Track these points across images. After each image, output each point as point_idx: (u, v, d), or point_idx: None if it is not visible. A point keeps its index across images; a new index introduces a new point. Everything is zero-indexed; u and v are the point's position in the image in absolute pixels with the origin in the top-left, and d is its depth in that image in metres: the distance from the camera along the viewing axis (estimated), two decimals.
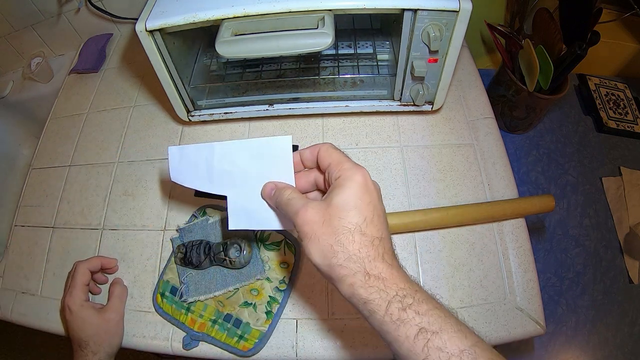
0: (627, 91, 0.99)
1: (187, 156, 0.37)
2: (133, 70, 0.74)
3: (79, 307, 0.47)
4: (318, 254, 0.28)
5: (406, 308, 0.25)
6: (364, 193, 0.29)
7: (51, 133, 0.69)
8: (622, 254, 0.79)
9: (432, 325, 0.25)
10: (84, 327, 0.46)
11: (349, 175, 0.30)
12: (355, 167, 0.30)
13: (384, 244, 0.28)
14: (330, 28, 0.43)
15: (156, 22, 0.45)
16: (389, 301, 0.26)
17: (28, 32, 0.78)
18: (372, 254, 0.27)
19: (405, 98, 0.57)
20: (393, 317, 0.25)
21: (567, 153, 0.90)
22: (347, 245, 0.27)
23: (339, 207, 0.28)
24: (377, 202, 0.30)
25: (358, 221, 0.28)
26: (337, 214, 0.28)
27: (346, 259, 0.27)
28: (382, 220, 0.29)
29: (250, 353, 0.44)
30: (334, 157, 0.32)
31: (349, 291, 0.27)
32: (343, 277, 0.27)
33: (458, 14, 0.44)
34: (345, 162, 0.31)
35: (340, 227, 0.28)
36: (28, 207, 0.62)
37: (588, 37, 0.68)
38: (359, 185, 0.29)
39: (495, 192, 0.54)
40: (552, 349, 0.72)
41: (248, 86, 0.61)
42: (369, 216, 0.28)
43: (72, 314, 0.46)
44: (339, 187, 0.29)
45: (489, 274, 0.49)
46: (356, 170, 0.30)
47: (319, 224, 0.29)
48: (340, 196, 0.29)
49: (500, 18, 0.92)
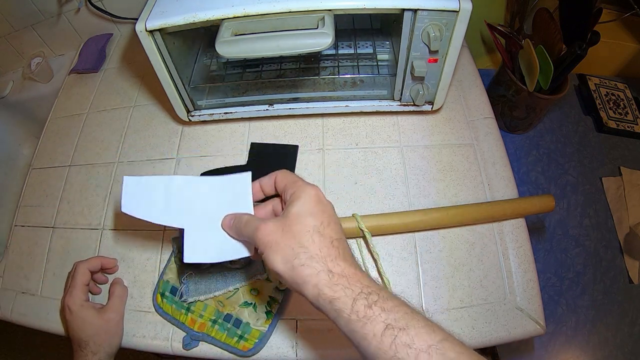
0: (627, 91, 0.99)
1: (145, 186, 0.36)
2: (133, 70, 0.74)
3: (79, 307, 0.46)
4: (280, 259, 0.29)
5: (372, 305, 0.26)
6: (318, 203, 0.31)
7: (51, 133, 0.69)
8: (622, 254, 0.79)
9: (399, 321, 0.25)
10: (83, 327, 0.46)
11: (303, 189, 0.32)
12: (309, 184, 0.33)
13: (342, 244, 0.29)
14: (330, 28, 0.43)
15: (156, 22, 0.45)
16: (354, 298, 0.26)
17: (28, 32, 0.78)
18: (333, 253, 0.28)
19: (405, 98, 0.57)
20: (359, 314, 0.25)
21: (567, 153, 0.90)
22: (308, 246, 0.28)
23: (296, 214, 0.30)
24: (332, 212, 0.32)
25: (315, 224, 0.29)
26: (295, 220, 0.30)
27: (308, 258, 0.28)
28: (338, 225, 0.31)
29: (251, 353, 0.44)
30: (289, 179, 0.34)
31: (314, 292, 0.27)
32: (307, 278, 0.27)
33: (458, 14, 0.44)
34: (299, 181, 0.33)
35: (299, 230, 0.29)
36: (28, 207, 0.62)
37: (588, 37, 0.68)
38: (312, 197, 0.31)
39: (495, 192, 0.54)
40: (552, 349, 0.72)
41: (248, 86, 0.61)
42: (325, 220, 0.30)
43: (72, 314, 0.46)
44: (295, 199, 0.31)
45: (489, 274, 0.49)
46: (310, 186, 0.32)
47: (279, 232, 0.30)
48: (296, 207, 0.30)
49: (500, 18, 0.92)
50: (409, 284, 0.49)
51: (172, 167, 0.60)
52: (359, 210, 0.53)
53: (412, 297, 0.48)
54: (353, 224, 0.48)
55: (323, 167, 0.58)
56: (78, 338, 0.45)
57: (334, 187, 0.56)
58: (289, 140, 0.61)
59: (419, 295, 0.48)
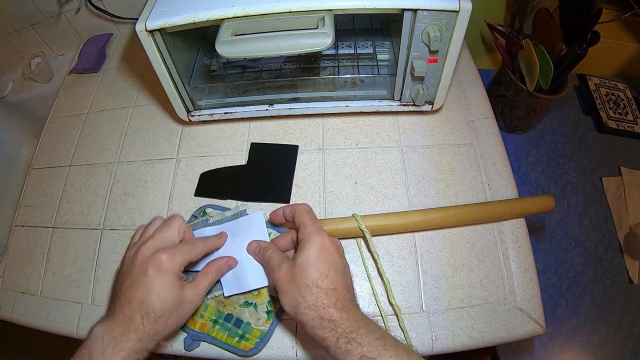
0: (627, 91, 0.99)
1: None
2: (133, 70, 0.74)
3: (175, 271, 0.37)
4: (287, 302, 0.36)
5: (350, 341, 0.33)
6: (322, 253, 0.37)
7: (51, 133, 0.69)
8: (622, 254, 0.79)
9: (372, 352, 0.32)
10: (164, 296, 0.36)
11: (309, 239, 0.38)
12: (316, 231, 0.39)
13: (337, 293, 0.36)
14: (330, 28, 0.43)
15: (156, 22, 0.45)
16: (338, 337, 0.33)
17: (28, 32, 0.78)
18: (326, 302, 0.35)
19: (405, 98, 0.57)
20: (341, 349, 0.33)
21: (567, 153, 0.90)
22: (307, 297, 0.35)
23: (301, 266, 0.37)
24: (336, 257, 0.38)
25: (315, 277, 0.36)
26: (299, 273, 0.36)
27: (306, 308, 0.35)
28: (337, 274, 0.37)
29: (252, 353, 0.44)
30: (302, 221, 0.40)
31: (311, 332, 0.35)
32: (305, 322, 0.35)
33: (458, 14, 0.44)
34: (309, 227, 0.39)
35: (301, 283, 0.36)
36: (28, 207, 0.62)
37: (588, 37, 0.68)
38: (317, 247, 0.37)
39: (495, 192, 0.54)
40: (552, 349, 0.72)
41: (248, 86, 0.61)
42: (324, 272, 0.36)
43: (160, 273, 0.36)
44: (302, 249, 0.38)
45: (489, 274, 0.49)
46: (316, 235, 0.38)
47: (287, 280, 0.37)
48: (302, 257, 0.37)
49: (500, 18, 0.92)
50: (409, 284, 0.49)
51: (172, 167, 0.60)
52: (359, 210, 0.53)
53: (412, 297, 0.48)
54: (353, 224, 0.48)
55: (323, 167, 0.58)
56: (149, 305, 0.35)
57: (334, 187, 0.56)
58: (289, 140, 0.61)
59: (419, 295, 0.48)
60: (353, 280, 0.49)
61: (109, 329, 0.35)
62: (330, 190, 0.56)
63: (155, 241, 0.38)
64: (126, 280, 0.37)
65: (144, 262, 0.37)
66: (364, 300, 0.48)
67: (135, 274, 0.37)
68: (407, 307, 0.47)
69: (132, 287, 0.36)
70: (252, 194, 0.56)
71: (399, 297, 0.48)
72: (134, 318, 0.35)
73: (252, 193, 0.56)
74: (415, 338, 0.45)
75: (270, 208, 0.54)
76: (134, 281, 0.36)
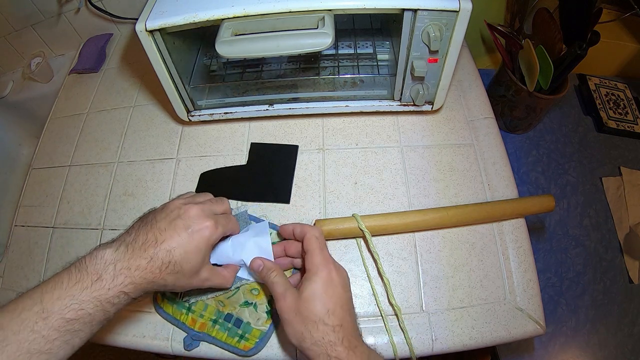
0: (627, 91, 0.99)
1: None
2: (133, 70, 0.74)
3: (212, 242, 0.38)
4: (292, 336, 0.36)
5: None
6: (328, 287, 0.37)
7: (51, 133, 0.69)
8: (622, 254, 0.79)
9: None
10: (192, 257, 0.36)
11: (316, 270, 0.37)
12: (323, 263, 0.38)
13: (344, 329, 0.35)
14: (330, 28, 0.43)
15: (156, 22, 0.45)
16: None
17: (28, 32, 0.78)
18: (333, 339, 0.34)
19: (405, 98, 0.57)
20: None
21: (567, 153, 0.91)
22: (313, 333, 0.35)
23: (307, 299, 0.36)
24: (341, 291, 0.37)
25: (321, 313, 0.35)
26: (305, 306, 0.36)
27: (312, 344, 0.35)
28: (344, 309, 0.37)
29: (252, 353, 0.44)
30: (311, 248, 0.39)
31: None
32: (311, 357, 0.35)
33: (458, 14, 0.44)
34: (317, 257, 0.38)
35: (307, 318, 0.35)
36: (28, 207, 0.62)
37: (588, 37, 0.68)
38: (323, 280, 0.37)
39: (495, 192, 0.54)
40: (552, 349, 0.72)
41: (248, 86, 0.61)
42: (331, 308, 0.36)
43: (200, 236, 0.37)
44: (308, 280, 0.37)
45: (489, 274, 0.49)
46: (324, 267, 0.38)
47: (293, 312, 0.36)
48: (308, 290, 0.36)
49: (500, 18, 0.92)
50: (409, 284, 0.49)
51: (172, 167, 0.60)
52: (359, 210, 0.53)
53: (412, 297, 0.48)
54: (353, 224, 0.48)
55: (323, 167, 0.58)
56: (174, 257, 0.36)
57: (334, 187, 0.56)
58: (289, 140, 0.61)
59: (419, 295, 0.48)
60: (352, 280, 0.49)
61: (124, 258, 0.34)
62: (330, 190, 0.56)
63: (205, 207, 0.39)
64: (163, 221, 0.37)
65: (190, 218, 0.37)
66: (363, 300, 0.48)
67: (176, 223, 0.37)
68: (407, 307, 0.47)
69: (167, 232, 0.36)
70: (252, 194, 0.56)
71: (399, 297, 0.48)
72: (155, 260, 0.35)
73: (252, 193, 0.56)
74: (415, 338, 0.45)
75: (270, 208, 0.55)
76: (170, 228, 0.36)
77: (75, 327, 0.31)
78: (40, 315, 0.30)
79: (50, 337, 0.30)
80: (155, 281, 0.35)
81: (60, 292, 0.31)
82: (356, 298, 0.48)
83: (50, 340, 0.30)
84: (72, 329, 0.31)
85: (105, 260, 0.34)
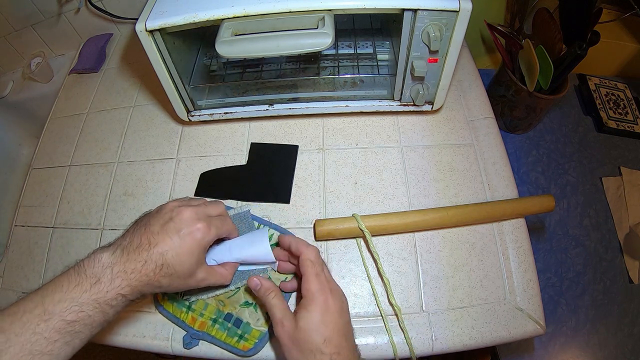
0: (627, 91, 0.99)
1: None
2: (133, 70, 0.74)
3: (205, 244, 0.38)
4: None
5: None
6: (324, 315, 0.37)
7: (51, 133, 0.69)
8: (622, 254, 0.79)
9: None
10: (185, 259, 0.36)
11: (313, 298, 0.37)
12: (319, 290, 0.38)
13: (341, 357, 0.36)
14: (330, 28, 0.43)
15: (156, 22, 0.45)
16: None
17: (28, 32, 0.78)
18: None
19: (405, 98, 0.57)
20: None
21: (567, 153, 0.91)
22: None
23: (303, 329, 0.36)
24: (338, 318, 0.37)
25: (318, 342, 0.35)
26: (302, 336, 0.36)
27: None
28: (341, 334, 0.37)
29: (251, 353, 0.44)
30: (306, 273, 0.39)
31: None
32: None
33: (458, 14, 0.44)
34: (312, 283, 0.38)
35: (304, 348, 0.36)
36: (28, 207, 0.62)
37: (588, 37, 0.68)
38: (320, 308, 0.37)
39: (495, 192, 0.54)
40: (552, 349, 0.72)
41: (248, 86, 0.61)
42: (328, 336, 0.36)
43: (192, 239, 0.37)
44: (304, 308, 0.37)
45: (489, 274, 0.49)
46: (320, 294, 0.37)
47: (290, 340, 0.37)
48: (304, 320, 0.37)
49: (500, 18, 0.92)
50: (409, 284, 0.49)
51: (172, 167, 0.60)
52: (359, 210, 0.53)
53: (412, 297, 0.48)
54: (353, 224, 0.48)
55: (323, 167, 0.58)
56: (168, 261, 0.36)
57: (334, 187, 0.56)
58: (289, 140, 0.61)
59: (419, 295, 0.48)
60: (352, 280, 0.49)
61: (121, 261, 0.35)
62: (330, 190, 0.56)
63: (199, 209, 0.39)
64: (156, 225, 0.37)
65: (182, 221, 0.37)
66: (363, 300, 0.48)
67: (168, 226, 0.37)
68: (407, 307, 0.47)
69: (159, 236, 0.36)
70: (252, 194, 0.56)
71: (399, 297, 0.48)
72: (149, 263, 0.35)
73: (252, 193, 0.56)
74: (415, 338, 0.45)
75: (270, 208, 0.55)
76: (163, 231, 0.36)
77: (75, 328, 0.32)
78: (41, 317, 0.31)
79: (51, 339, 0.31)
80: (151, 283, 0.35)
81: (61, 295, 0.32)
82: (356, 298, 0.48)
83: (51, 342, 0.31)
84: (73, 331, 0.32)
85: (103, 263, 0.34)
